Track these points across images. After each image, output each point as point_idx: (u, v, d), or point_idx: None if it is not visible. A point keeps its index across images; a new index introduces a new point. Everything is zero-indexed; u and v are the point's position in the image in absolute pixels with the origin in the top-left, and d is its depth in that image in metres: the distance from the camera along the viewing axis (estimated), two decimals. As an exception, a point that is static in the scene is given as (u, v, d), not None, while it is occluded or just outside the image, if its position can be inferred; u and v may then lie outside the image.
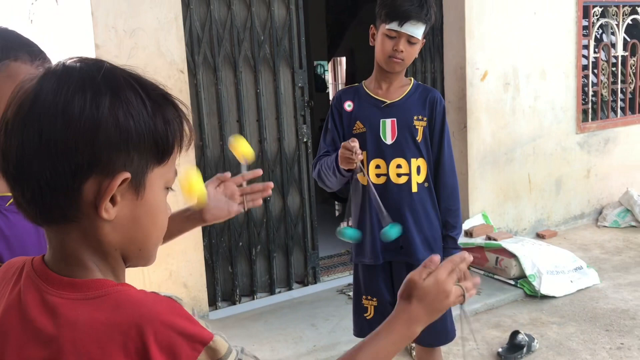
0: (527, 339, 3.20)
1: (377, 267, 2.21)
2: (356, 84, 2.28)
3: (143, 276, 3.37)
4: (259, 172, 1.47)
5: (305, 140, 4.05)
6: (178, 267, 3.55)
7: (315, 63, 8.48)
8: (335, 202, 6.64)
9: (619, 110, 5.86)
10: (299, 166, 4.06)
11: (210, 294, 3.79)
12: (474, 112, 4.70)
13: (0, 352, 0.77)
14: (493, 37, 4.73)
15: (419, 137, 2.14)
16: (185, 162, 1.30)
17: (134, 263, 0.85)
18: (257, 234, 3.96)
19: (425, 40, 2.14)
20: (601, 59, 5.65)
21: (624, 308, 3.71)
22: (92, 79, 0.74)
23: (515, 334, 3.23)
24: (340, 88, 11.75)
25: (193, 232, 3.54)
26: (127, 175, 0.75)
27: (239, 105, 3.81)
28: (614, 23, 5.67)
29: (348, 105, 2.19)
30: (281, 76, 3.95)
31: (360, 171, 2.03)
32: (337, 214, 6.53)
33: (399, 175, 2.14)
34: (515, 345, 3.18)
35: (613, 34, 5.75)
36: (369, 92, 2.19)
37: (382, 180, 2.15)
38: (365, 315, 2.26)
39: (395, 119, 2.13)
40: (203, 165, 3.66)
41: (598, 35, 5.65)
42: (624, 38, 5.80)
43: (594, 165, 5.57)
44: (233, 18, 3.73)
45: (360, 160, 1.97)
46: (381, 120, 2.13)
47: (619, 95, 5.87)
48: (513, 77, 4.90)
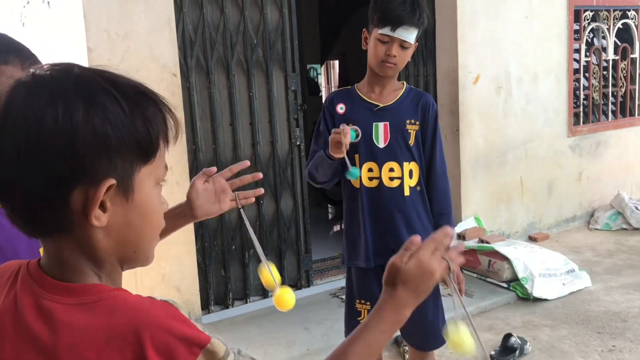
0: (520, 342, 3.21)
1: (370, 271, 2.20)
2: (349, 86, 2.28)
3: (135, 280, 3.36)
4: (247, 163, 1.45)
5: (298, 143, 4.05)
6: (171, 271, 3.53)
7: (308, 66, 8.48)
8: (329, 205, 6.64)
9: (610, 114, 5.90)
10: (292, 169, 4.06)
11: (203, 298, 3.78)
12: (467, 116, 4.72)
13: None
14: (485, 41, 4.75)
15: (412, 141, 2.14)
16: (178, 166, 1.29)
17: (131, 265, 0.84)
18: (250, 241, 3.95)
19: (418, 43, 2.14)
20: (592, 63, 5.69)
21: (616, 310, 3.72)
22: (63, 87, 0.73)
23: (507, 336, 3.24)
24: (332, 91, 11.78)
25: (186, 236, 3.54)
26: (113, 181, 0.74)
27: (232, 108, 3.80)
28: (604, 27, 5.71)
29: (340, 108, 2.19)
30: (274, 79, 3.95)
31: (346, 161, 2.00)
32: (331, 217, 6.53)
33: (392, 178, 2.15)
34: (508, 348, 3.19)
35: (604, 37, 5.79)
36: (362, 96, 2.19)
37: (375, 183, 2.15)
38: (359, 319, 2.25)
39: (387, 123, 2.13)
40: (196, 169, 3.65)
41: (589, 39, 5.69)
42: (614, 42, 5.84)
43: (585, 168, 5.60)
44: (226, 21, 3.73)
45: (349, 143, 1.96)
46: (374, 123, 2.13)
47: (610, 98, 5.90)
48: (505, 81, 4.92)
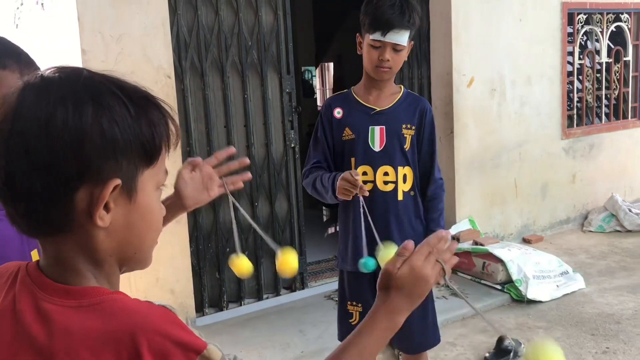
0: (514, 344, 3.21)
1: (363, 274, 2.20)
2: (345, 90, 2.28)
3: (130, 283, 3.34)
4: (232, 149, 1.45)
5: (293, 145, 4.05)
6: (165, 274, 3.52)
7: (302, 69, 8.48)
8: (323, 208, 6.64)
9: (603, 116, 5.93)
10: (286, 171, 4.05)
11: (198, 300, 3.77)
12: (461, 118, 4.73)
13: None
14: (479, 44, 4.76)
15: (407, 146, 2.14)
16: (172, 169, 1.30)
17: (130, 267, 0.85)
18: (245, 240, 3.95)
19: (412, 42, 2.14)
20: (586, 66, 5.72)
21: (609, 312, 3.74)
22: (72, 89, 0.74)
23: (502, 338, 3.25)
24: (327, 93, 11.79)
25: (180, 238, 3.53)
26: (118, 181, 0.75)
27: (227, 110, 3.80)
28: (598, 30, 5.74)
29: (337, 112, 2.19)
30: (269, 82, 3.95)
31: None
32: (325, 219, 6.53)
33: (386, 182, 2.15)
34: (502, 350, 3.19)
35: (597, 40, 5.81)
36: (359, 99, 2.19)
37: (369, 187, 2.14)
38: (351, 320, 2.25)
39: (384, 127, 2.13)
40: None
41: (583, 42, 5.72)
42: (607, 45, 5.87)
43: (579, 170, 5.62)
44: (220, 23, 3.73)
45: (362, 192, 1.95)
46: (370, 127, 2.13)
47: (604, 101, 5.93)
48: (499, 83, 4.94)
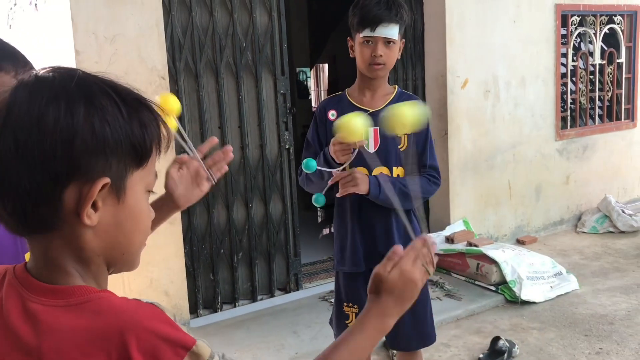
0: (508, 345, 3.22)
1: (359, 275, 2.20)
2: (340, 92, 2.28)
3: (123, 284, 3.34)
4: (214, 140, 1.45)
5: (287, 146, 4.05)
6: (159, 275, 3.52)
7: (297, 70, 8.48)
8: (318, 209, 6.65)
9: (597, 118, 5.95)
10: (281, 173, 4.05)
11: (192, 302, 3.76)
12: (455, 119, 4.74)
13: None
14: (473, 45, 4.78)
15: (402, 146, 2.15)
16: (165, 169, 1.29)
17: (117, 268, 0.85)
18: (239, 241, 3.94)
19: (404, 40, 2.16)
20: (579, 67, 5.74)
21: (603, 313, 3.75)
22: (65, 88, 0.75)
23: (496, 339, 3.25)
24: (322, 95, 11.79)
25: (174, 239, 3.52)
26: (107, 180, 0.75)
27: (221, 111, 3.79)
28: (591, 32, 5.76)
29: (332, 115, 2.19)
30: (263, 83, 3.94)
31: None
32: (320, 220, 6.53)
33: None
34: (496, 351, 3.20)
35: (591, 42, 5.84)
36: (353, 101, 2.20)
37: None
38: (347, 322, 2.25)
39: (378, 128, 2.14)
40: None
41: (576, 44, 5.74)
42: (601, 47, 5.89)
43: (573, 171, 5.64)
44: (215, 24, 3.72)
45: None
46: None
47: (597, 102, 5.96)
48: (493, 85, 4.95)
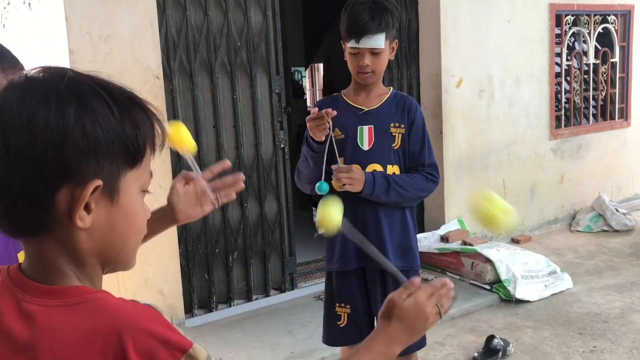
0: (503, 344, 3.23)
1: (350, 274, 2.20)
2: (336, 93, 2.31)
3: (118, 284, 3.33)
4: (227, 163, 1.41)
5: (282, 146, 4.04)
6: (154, 275, 3.51)
7: (292, 69, 8.48)
8: (313, 208, 6.64)
9: (591, 117, 5.97)
10: (276, 172, 4.05)
11: (187, 302, 3.75)
12: (450, 119, 4.75)
13: None
14: (468, 45, 4.79)
15: (396, 145, 2.16)
16: (160, 169, 1.29)
17: (112, 269, 0.84)
18: (234, 241, 3.94)
19: (397, 42, 2.17)
20: (573, 67, 5.76)
21: (597, 312, 3.77)
22: (56, 88, 0.74)
23: (490, 338, 3.26)
24: (317, 94, 11.79)
25: (169, 239, 3.51)
26: (99, 182, 0.75)
27: (216, 111, 3.79)
28: (585, 31, 5.78)
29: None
30: (258, 82, 3.94)
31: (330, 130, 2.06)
32: (315, 219, 6.52)
33: None
34: (490, 350, 3.21)
35: (585, 42, 5.86)
36: (348, 101, 2.22)
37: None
38: (339, 323, 2.24)
39: (372, 126, 2.15)
40: (179, 172, 3.63)
41: (570, 44, 5.76)
42: (595, 46, 5.91)
43: (567, 171, 5.66)
44: (209, 24, 3.71)
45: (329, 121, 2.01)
46: (358, 127, 2.15)
47: (591, 102, 5.98)
48: (488, 84, 4.97)
